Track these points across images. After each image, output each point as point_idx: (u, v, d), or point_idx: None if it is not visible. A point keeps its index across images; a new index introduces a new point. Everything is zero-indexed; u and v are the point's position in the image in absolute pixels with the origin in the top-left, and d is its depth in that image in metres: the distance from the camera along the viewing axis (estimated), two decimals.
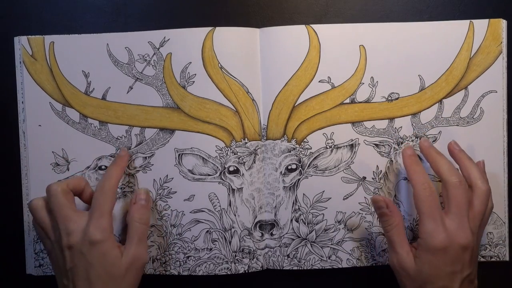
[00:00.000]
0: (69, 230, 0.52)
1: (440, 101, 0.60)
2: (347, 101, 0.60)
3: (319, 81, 0.60)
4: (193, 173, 0.61)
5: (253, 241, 0.61)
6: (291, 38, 0.59)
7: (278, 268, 0.61)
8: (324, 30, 0.59)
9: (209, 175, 0.60)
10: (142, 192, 0.58)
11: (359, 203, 0.61)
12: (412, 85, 0.60)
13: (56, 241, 0.53)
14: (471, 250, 0.52)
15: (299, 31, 0.59)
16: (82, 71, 0.61)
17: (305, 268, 0.61)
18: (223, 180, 0.60)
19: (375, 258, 0.62)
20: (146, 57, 0.60)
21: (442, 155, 0.56)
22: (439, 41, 0.60)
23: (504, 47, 0.60)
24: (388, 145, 0.61)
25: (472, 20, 0.60)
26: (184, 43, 0.60)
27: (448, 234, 0.51)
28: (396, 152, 0.61)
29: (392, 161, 0.61)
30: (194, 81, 0.60)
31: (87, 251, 0.52)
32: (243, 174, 0.60)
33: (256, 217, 0.61)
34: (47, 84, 0.61)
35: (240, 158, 0.60)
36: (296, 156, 0.60)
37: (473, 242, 0.52)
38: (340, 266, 0.61)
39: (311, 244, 0.61)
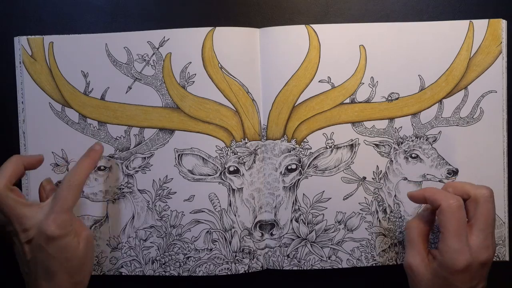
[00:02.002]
0: (25, 227, 0.51)
1: (440, 101, 0.60)
2: (347, 101, 0.60)
3: (319, 81, 0.60)
4: (193, 173, 0.60)
5: (253, 241, 0.61)
6: (291, 38, 0.59)
7: (278, 268, 0.61)
8: (324, 30, 0.59)
9: (209, 175, 0.60)
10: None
11: (359, 203, 0.61)
12: (412, 85, 0.60)
13: (14, 235, 0.52)
14: (490, 264, 0.50)
15: (299, 31, 0.59)
16: (81, 71, 0.61)
17: (305, 268, 0.61)
18: (223, 180, 0.60)
19: (375, 258, 0.62)
20: (145, 57, 0.60)
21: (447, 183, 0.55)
22: (439, 41, 0.60)
23: (503, 47, 0.60)
24: (388, 145, 0.61)
25: (472, 20, 0.60)
26: (184, 43, 0.60)
27: (471, 253, 0.49)
28: (396, 152, 0.61)
29: (392, 161, 0.61)
30: (194, 81, 0.60)
31: (45, 244, 0.50)
32: (243, 174, 0.60)
33: (256, 217, 0.61)
34: (46, 85, 0.61)
35: (240, 158, 0.60)
36: (296, 156, 0.60)
37: (493, 255, 0.50)
38: (340, 266, 0.61)
39: (311, 244, 0.61)
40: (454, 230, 0.49)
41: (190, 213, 0.61)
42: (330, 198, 0.61)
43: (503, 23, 0.60)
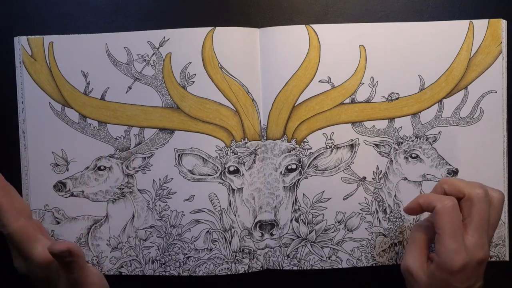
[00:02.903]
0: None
1: (440, 101, 0.60)
2: (347, 101, 0.60)
3: (319, 81, 0.60)
4: (193, 173, 0.60)
5: (253, 241, 0.61)
6: (291, 38, 0.59)
7: (278, 268, 0.61)
8: (324, 30, 0.60)
9: (209, 175, 0.60)
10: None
11: (359, 203, 0.61)
12: (412, 85, 0.60)
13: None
14: (486, 262, 0.50)
15: (299, 31, 0.59)
16: (81, 71, 0.61)
17: (305, 268, 0.61)
18: (223, 180, 0.60)
19: (375, 258, 0.62)
20: (145, 57, 0.60)
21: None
22: (439, 41, 0.60)
23: (503, 47, 0.60)
24: (388, 145, 0.61)
25: (472, 20, 0.60)
26: (184, 43, 0.60)
27: (467, 252, 0.49)
28: (396, 152, 0.61)
29: (392, 161, 0.61)
30: (194, 81, 0.60)
31: None
32: (243, 174, 0.60)
33: (256, 217, 0.61)
34: (46, 85, 0.61)
35: (240, 158, 0.60)
36: (296, 156, 0.60)
37: (488, 254, 0.50)
38: (340, 266, 0.61)
39: (311, 244, 0.61)
40: (450, 230, 0.49)
41: (190, 213, 0.61)
42: (330, 198, 0.61)
43: (503, 23, 0.60)
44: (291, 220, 0.61)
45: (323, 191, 0.61)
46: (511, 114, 0.61)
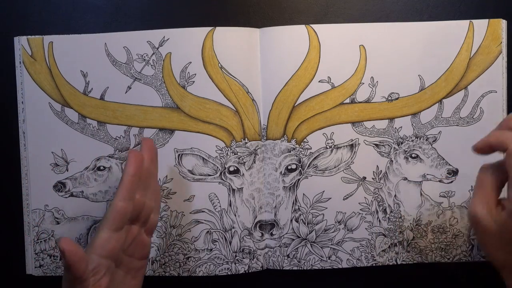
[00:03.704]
0: None
1: (440, 101, 0.60)
2: (347, 101, 0.60)
3: (319, 81, 0.60)
4: (193, 173, 0.60)
5: (253, 241, 0.61)
6: (291, 38, 0.59)
7: (278, 268, 0.61)
8: (324, 30, 0.59)
9: (209, 175, 0.60)
10: None
11: (359, 203, 0.61)
12: (412, 85, 0.60)
13: None
14: None
15: (299, 31, 0.59)
16: (81, 71, 0.61)
17: (305, 268, 0.61)
18: (223, 180, 0.60)
19: (375, 258, 0.62)
20: (145, 57, 0.60)
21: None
22: (439, 41, 0.60)
23: (503, 47, 0.60)
24: (388, 145, 0.61)
25: (472, 20, 0.60)
26: (184, 43, 0.59)
27: None
28: (396, 152, 0.61)
29: (392, 161, 0.61)
30: (194, 81, 0.60)
31: None
32: (243, 174, 0.60)
33: (256, 217, 0.61)
34: (46, 85, 0.61)
35: (240, 158, 0.60)
36: (296, 156, 0.60)
37: None
38: (340, 267, 0.61)
39: (311, 244, 0.61)
40: None
41: (190, 213, 0.61)
42: (330, 198, 0.61)
43: (503, 23, 0.60)
44: (291, 220, 0.61)
45: (323, 191, 0.61)
46: None
